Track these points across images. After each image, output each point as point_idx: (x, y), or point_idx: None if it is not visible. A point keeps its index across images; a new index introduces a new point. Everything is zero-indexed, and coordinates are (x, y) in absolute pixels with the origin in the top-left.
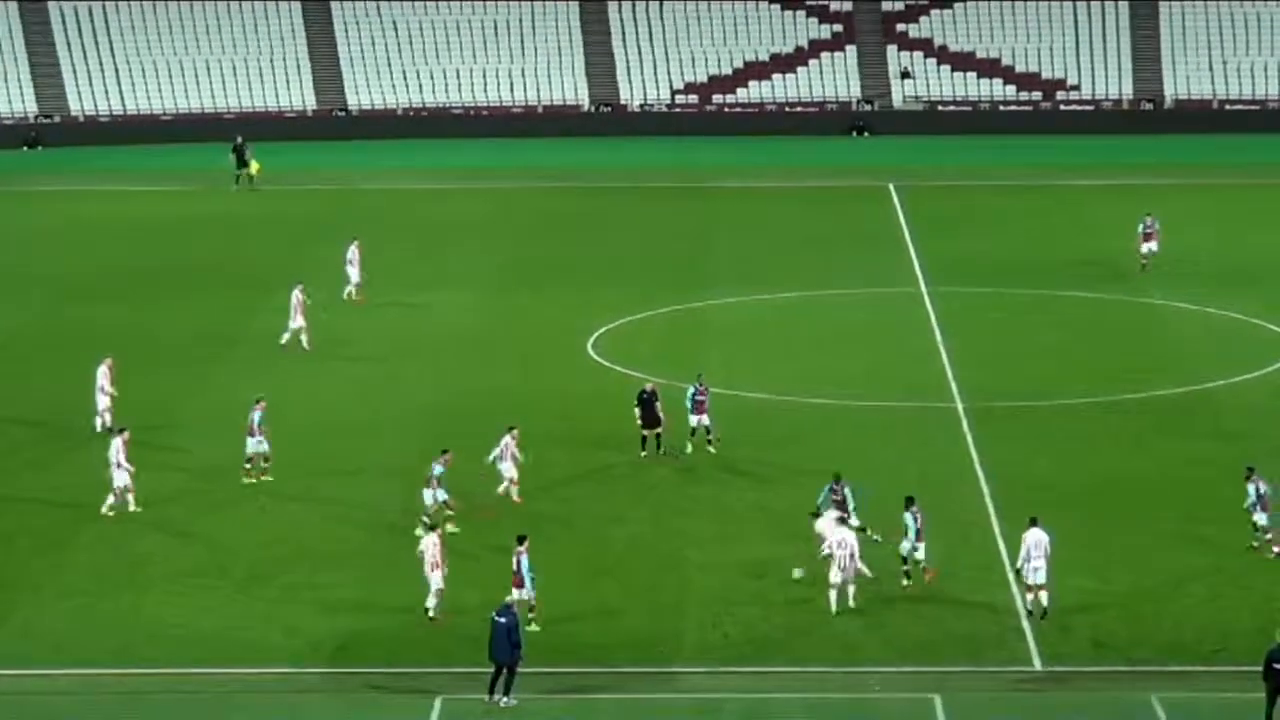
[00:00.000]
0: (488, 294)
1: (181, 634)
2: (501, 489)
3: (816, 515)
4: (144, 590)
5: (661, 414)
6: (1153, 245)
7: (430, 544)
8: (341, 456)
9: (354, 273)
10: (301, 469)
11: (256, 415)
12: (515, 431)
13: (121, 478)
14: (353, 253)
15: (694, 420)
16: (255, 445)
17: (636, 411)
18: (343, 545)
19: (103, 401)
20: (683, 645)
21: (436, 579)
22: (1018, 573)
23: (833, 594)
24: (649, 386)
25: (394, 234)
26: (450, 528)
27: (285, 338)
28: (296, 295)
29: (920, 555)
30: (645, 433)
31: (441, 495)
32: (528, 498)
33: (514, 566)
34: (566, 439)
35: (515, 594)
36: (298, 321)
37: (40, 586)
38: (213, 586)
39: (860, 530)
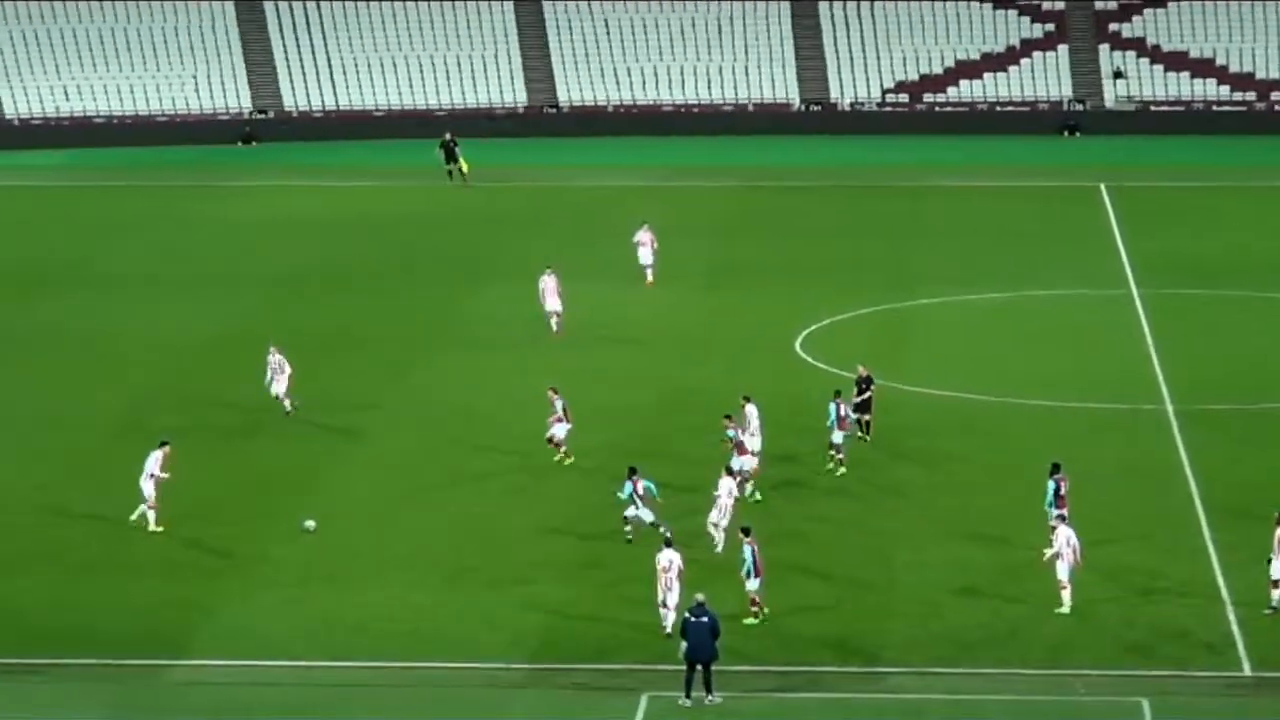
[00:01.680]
0: (696, 291)
1: (387, 628)
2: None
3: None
4: (349, 584)
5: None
6: None
7: (674, 557)
8: (544, 452)
9: (645, 254)
10: (505, 464)
11: (559, 402)
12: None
13: (150, 489)
14: (643, 235)
15: (837, 437)
16: (562, 430)
17: (853, 392)
18: (546, 541)
19: (281, 384)
20: (889, 645)
21: (675, 596)
22: (1267, 562)
23: (1065, 593)
24: (864, 372)
25: (603, 231)
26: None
27: (554, 323)
28: (545, 280)
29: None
30: (858, 417)
31: (648, 516)
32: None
33: (751, 558)
34: (773, 437)
35: (750, 585)
36: (554, 305)
37: (249, 579)
38: (418, 581)
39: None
